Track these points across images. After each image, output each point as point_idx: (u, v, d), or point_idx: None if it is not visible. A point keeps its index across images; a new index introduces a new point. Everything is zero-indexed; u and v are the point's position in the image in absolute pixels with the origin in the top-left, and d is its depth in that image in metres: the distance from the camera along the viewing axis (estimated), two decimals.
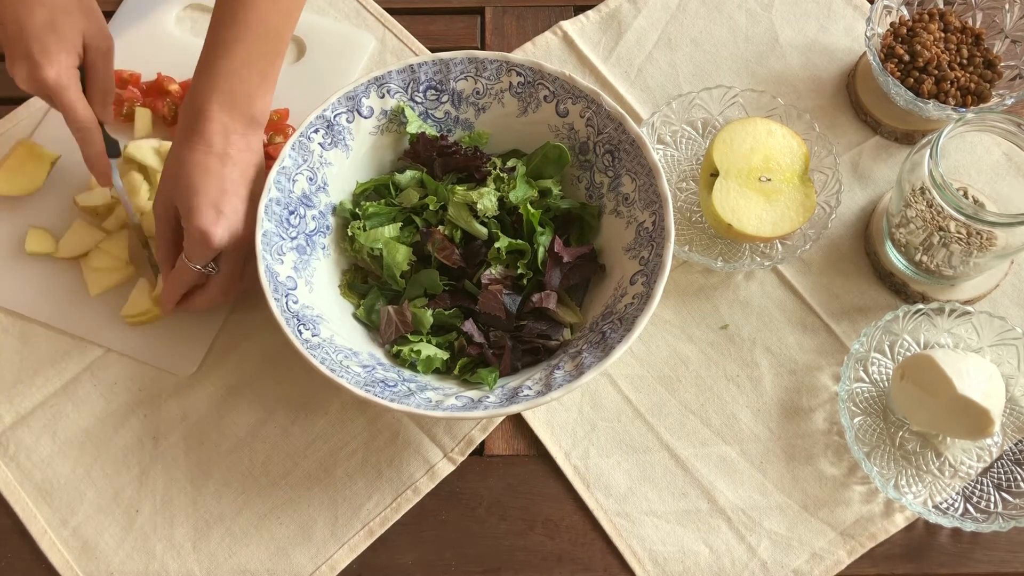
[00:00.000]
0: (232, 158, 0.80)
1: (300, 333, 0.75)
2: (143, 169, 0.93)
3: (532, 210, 0.84)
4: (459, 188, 0.85)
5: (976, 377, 0.78)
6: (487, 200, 0.84)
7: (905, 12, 0.98)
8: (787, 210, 0.88)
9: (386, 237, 0.84)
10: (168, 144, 0.94)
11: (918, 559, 0.82)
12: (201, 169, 0.79)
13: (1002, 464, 0.83)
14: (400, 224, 0.86)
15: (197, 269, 0.82)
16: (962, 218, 0.80)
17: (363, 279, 0.87)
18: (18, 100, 1.00)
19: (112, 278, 0.90)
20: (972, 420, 0.78)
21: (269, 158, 0.94)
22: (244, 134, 0.81)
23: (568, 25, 1.05)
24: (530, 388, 0.75)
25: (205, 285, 0.85)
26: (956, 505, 0.81)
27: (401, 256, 0.84)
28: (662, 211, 0.80)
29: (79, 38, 0.84)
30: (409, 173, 0.88)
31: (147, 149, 0.93)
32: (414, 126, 0.87)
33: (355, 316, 0.85)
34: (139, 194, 0.92)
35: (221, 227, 0.79)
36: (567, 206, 0.87)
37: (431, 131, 0.88)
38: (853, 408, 0.85)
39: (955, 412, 0.78)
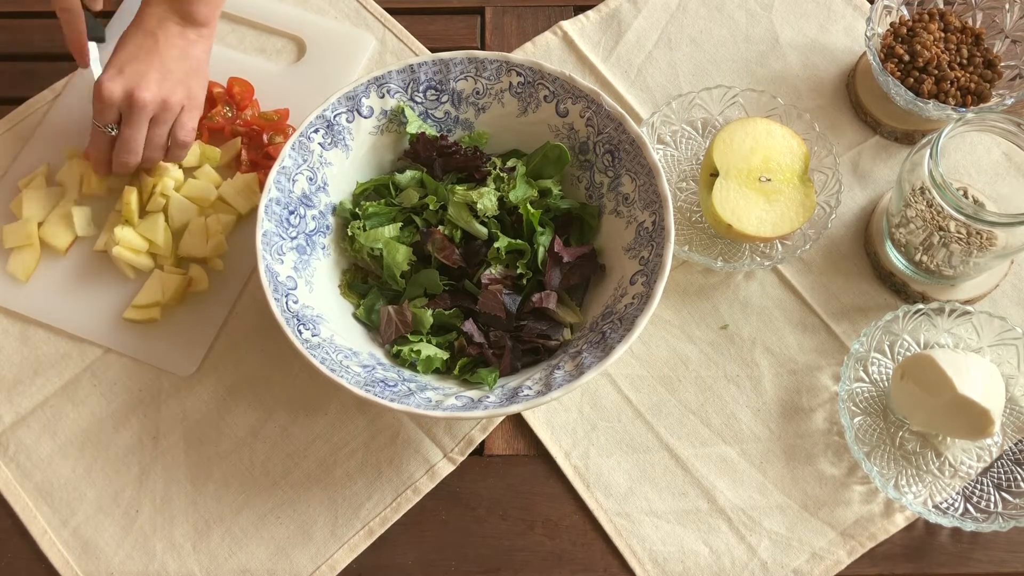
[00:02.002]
0: (156, 37, 0.87)
1: (300, 333, 0.75)
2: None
3: (532, 210, 0.84)
4: (459, 188, 0.85)
5: (976, 377, 0.78)
6: (487, 200, 0.84)
7: (905, 12, 0.98)
8: (787, 210, 0.88)
9: (386, 237, 0.84)
10: None
11: (918, 559, 0.81)
12: (125, 40, 0.88)
13: (1002, 464, 0.83)
14: (400, 224, 0.86)
15: (100, 128, 0.87)
16: (962, 218, 0.80)
17: (363, 279, 0.87)
18: (18, 100, 1.00)
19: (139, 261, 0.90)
20: (972, 420, 0.78)
21: (269, 158, 0.94)
22: (180, 24, 0.88)
23: (568, 25, 1.05)
24: (530, 388, 0.75)
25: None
26: (956, 505, 0.81)
27: (401, 256, 0.84)
28: (662, 211, 0.80)
29: None
30: (409, 173, 0.88)
31: None
32: (414, 126, 0.87)
33: (355, 316, 0.85)
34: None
35: (114, 83, 0.85)
36: (567, 206, 0.87)
37: (431, 131, 0.88)
38: (853, 408, 0.85)
39: (955, 412, 0.78)
